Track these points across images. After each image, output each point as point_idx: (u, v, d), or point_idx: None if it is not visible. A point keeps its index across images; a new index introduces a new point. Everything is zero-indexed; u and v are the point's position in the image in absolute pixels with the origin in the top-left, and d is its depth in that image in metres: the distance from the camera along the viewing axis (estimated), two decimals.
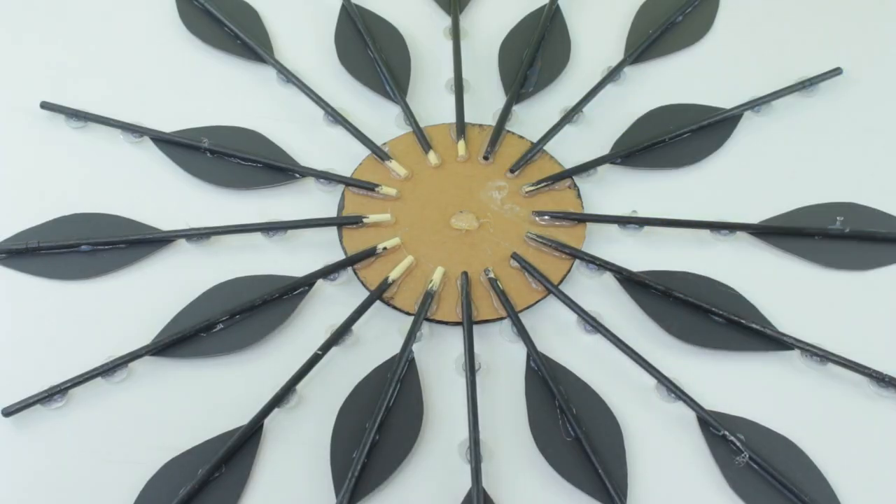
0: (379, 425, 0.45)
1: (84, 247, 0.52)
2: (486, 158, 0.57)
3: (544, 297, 0.52)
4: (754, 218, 0.55)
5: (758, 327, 0.50)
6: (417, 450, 0.46)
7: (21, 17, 0.63)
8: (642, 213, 0.55)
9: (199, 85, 0.60)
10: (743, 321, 0.50)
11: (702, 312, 0.51)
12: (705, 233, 0.54)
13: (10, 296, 0.50)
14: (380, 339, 0.50)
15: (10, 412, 0.45)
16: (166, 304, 0.50)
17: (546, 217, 0.54)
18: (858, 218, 0.55)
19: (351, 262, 0.52)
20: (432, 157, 0.56)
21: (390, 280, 0.51)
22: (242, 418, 0.45)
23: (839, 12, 0.67)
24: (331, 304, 0.51)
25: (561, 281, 0.52)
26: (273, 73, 0.61)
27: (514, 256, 0.52)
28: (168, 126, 0.57)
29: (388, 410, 0.46)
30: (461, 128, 0.58)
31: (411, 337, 0.49)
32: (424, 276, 0.52)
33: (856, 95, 0.62)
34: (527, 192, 0.56)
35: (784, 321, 0.50)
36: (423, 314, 0.50)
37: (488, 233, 0.54)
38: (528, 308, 0.51)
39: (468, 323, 0.49)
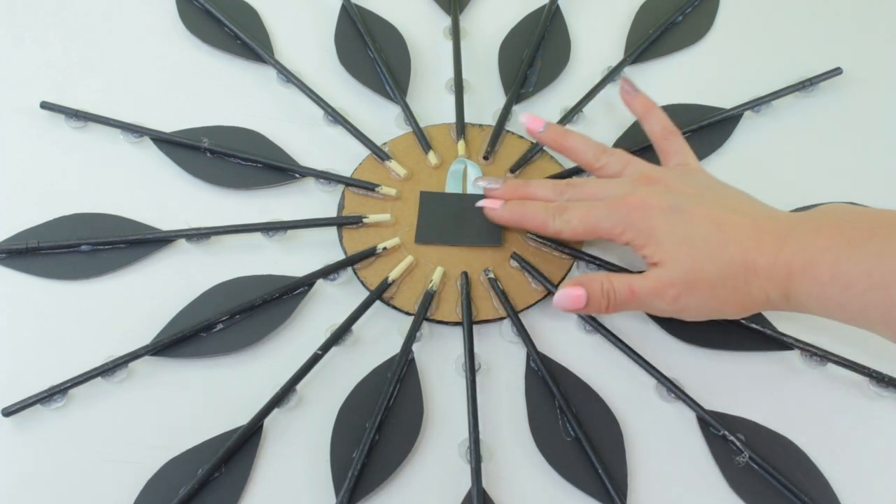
0: (379, 425, 0.45)
1: (84, 247, 0.52)
2: (486, 158, 0.57)
3: (544, 297, 0.51)
4: None
5: (758, 327, 0.50)
6: (417, 450, 0.46)
7: (21, 18, 0.63)
8: None
9: (198, 85, 0.60)
10: (743, 321, 0.50)
11: None
12: None
13: (10, 296, 0.50)
14: (380, 339, 0.50)
15: (10, 412, 0.45)
16: (166, 304, 0.50)
17: None
18: None
19: (351, 262, 0.52)
20: (432, 157, 0.56)
21: (390, 280, 0.51)
22: (242, 418, 0.45)
23: (839, 12, 0.67)
24: (331, 304, 0.51)
25: (561, 281, 0.52)
26: (273, 73, 0.61)
27: (514, 256, 0.52)
28: (168, 126, 0.57)
29: (388, 410, 0.46)
30: (461, 128, 0.58)
31: (411, 337, 0.49)
32: (424, 276, 0.52)
33: (856, 95, 0.62)
34: None
35: (784, 321, 0.50)
36: (423, 314, 0.50)
37: None
38: (528, 308, 0.51)
39: (468, 323, 0.49)
